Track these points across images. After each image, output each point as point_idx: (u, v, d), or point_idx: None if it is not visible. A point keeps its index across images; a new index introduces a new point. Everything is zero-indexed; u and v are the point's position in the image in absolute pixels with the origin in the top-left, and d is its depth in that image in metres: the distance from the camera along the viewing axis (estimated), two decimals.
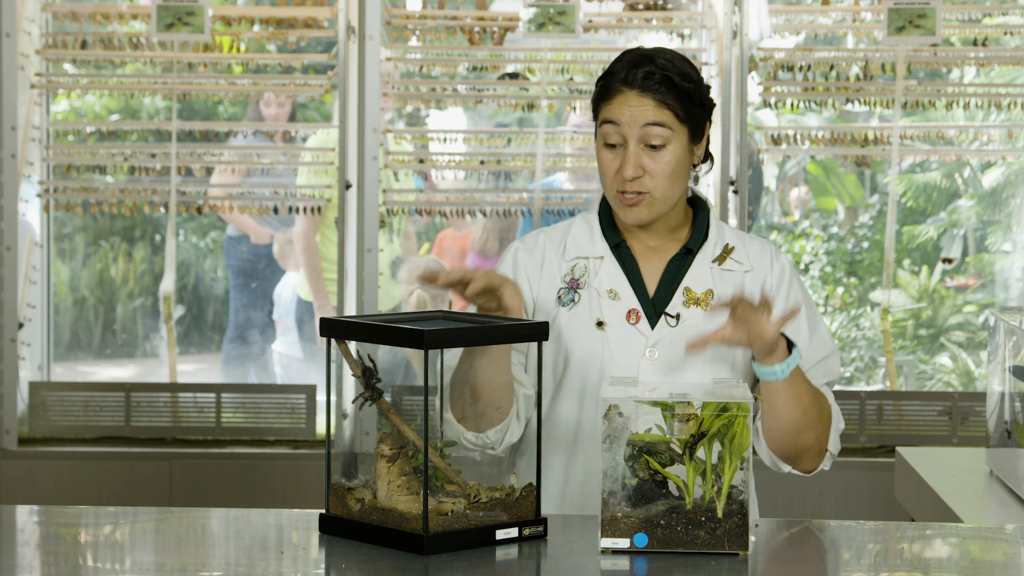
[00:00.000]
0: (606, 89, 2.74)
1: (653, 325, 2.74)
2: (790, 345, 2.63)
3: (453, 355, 2.72)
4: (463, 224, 6.20)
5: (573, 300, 2.78)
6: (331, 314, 5.63)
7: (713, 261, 2.78)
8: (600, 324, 2.75)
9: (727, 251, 2.80)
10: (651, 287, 2.78)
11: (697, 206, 2.84)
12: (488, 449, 2.73)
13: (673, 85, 2.70)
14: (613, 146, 2.72)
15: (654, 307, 2.76)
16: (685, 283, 2.76)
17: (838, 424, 2.78)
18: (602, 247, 2.80)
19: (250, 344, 6.43)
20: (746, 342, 2.58)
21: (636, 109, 2.69)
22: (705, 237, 2.81)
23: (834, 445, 2.75)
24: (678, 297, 2.75)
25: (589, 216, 2.84)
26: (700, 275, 2.77)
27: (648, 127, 2.69)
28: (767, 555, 2.36)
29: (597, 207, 2.85)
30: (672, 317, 2.74)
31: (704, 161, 2.80)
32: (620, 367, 2.72)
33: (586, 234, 2.82)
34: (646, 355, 2.72)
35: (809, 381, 2.69)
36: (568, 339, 2.75)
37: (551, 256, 2.81)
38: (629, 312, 2.75)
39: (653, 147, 2.70)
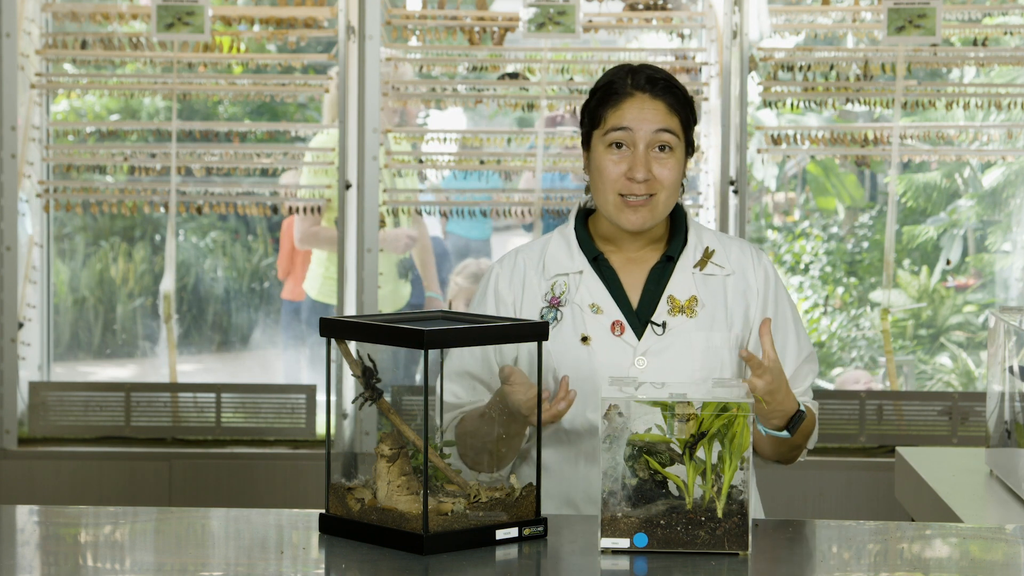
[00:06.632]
0: (611, 95, 2.75)
1: (639, 335, 2.75)
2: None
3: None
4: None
5: (556, 318, 2.77)
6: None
7: (694, 267, 2.79)
8: (585, 339, 2.75)
9: (707, 255, 2.81)
10: (633, 297, 2.79)
11: (674, 213, 2.85)
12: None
13: (679, 92, 2.76)
14: (619, 146, 2.73)
15: (638, 317, 2.77)
16: (668, 291, 2.77)
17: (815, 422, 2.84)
18: (580, 261, 2.80)
19: (251, 344, 6.42)
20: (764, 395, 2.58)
21: (650, 112, 2.72)
22: (684, 243, 2.82)
23: (811, 442, 2.83)
24: (663, 306, 2.76)
25: (565, 230, 2.84)
26: (682, 282, 2.78)
27: (659, 132, 2.72)
28: (767, 555, 2.36)
29: (572, 221, 2.85)
30: (658, 326, 2.75)
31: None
32: None
33: (563, 250, 2.81)
34: (635, 365, 2.73)
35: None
36: (555, 357, 2.74)
37: (531, 276, 2.81)
38: (613, 324, 2.75)
39: (661, 151, 2.72)
